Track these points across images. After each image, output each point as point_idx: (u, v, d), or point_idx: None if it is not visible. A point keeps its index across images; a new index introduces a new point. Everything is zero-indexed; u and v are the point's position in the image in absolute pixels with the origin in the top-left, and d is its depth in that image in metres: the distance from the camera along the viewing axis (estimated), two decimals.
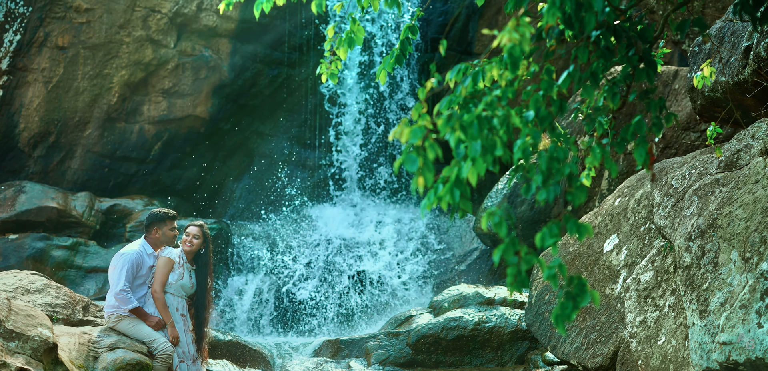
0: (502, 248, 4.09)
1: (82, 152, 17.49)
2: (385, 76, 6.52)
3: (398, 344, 12.83)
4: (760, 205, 7.86)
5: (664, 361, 8.52)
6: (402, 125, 4.52)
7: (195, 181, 18.24)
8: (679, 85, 13.04)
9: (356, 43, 6.66)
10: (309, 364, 12.90)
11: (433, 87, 4.65)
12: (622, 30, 5.22)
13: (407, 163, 4.45)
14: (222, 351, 12.77)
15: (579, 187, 4.18)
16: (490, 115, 4.46)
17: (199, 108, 17.80)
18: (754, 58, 9.21)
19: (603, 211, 10.68)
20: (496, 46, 4.55)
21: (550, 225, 4.00)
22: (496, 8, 18.11)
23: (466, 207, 4.44)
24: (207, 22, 17.55)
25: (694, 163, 9.26)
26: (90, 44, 17.18)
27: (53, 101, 17.23)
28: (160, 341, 9.69)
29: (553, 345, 10.50)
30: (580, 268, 10.44)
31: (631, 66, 5.16)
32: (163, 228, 10.10)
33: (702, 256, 8.12)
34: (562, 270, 3.93)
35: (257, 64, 18.11)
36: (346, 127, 18.45)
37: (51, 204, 16.52)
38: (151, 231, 10.11)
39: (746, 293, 7.52)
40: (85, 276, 16.08)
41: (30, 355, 8.61)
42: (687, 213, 8.68)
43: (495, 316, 12.88)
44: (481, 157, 4.37)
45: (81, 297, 10.77)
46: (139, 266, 9.88)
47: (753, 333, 7.33)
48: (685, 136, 12.76)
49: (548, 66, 4.97)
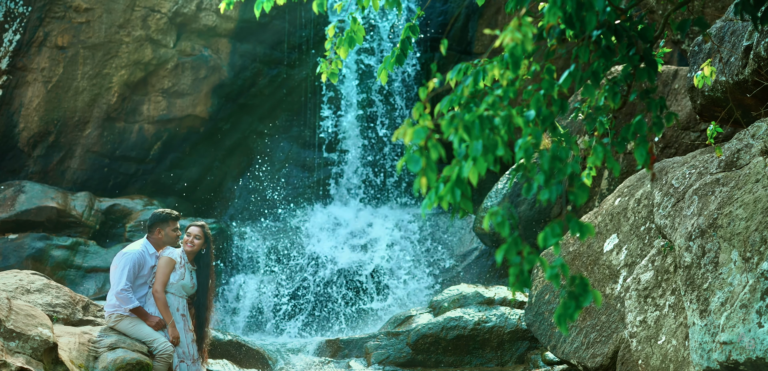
0: (505, 247, 4.09)
1: (81, 152, 17.49)
2: (386, 76, 6.53)
3: (398, 344, 12.83)
4: (761, 205, 7.86)
5: (665, 361, 8.53)
6: (405, 126, 4.52)
7: (194, 180, 18.25)
8: (678, 85, 13.04)
9: (357, 42, 6.66)
10: (309, 364, 12.90)
11: (435, 87, 4.65)
12: (623, 29, 5.22)
13: (410, 163, 4.45)
14: (222, 351, 12.77)
15: (581, 187, 4.18)
16: (492, 114, 4.46)
17: (199, 108, 17.80)
18: (755, 58, 9.21)
19: (603, 211, 10.68)
20: (497, 46, 4.55)
21: (552, 225, 4.00)
22: (495, 8, 18.10)
23: (466, 207, 4.44)
24: (206, 22, 17.55)
25: (694, 163, 9.27)
26: (89, 44, 17.18)
27: (53, 101, 17.23)
28: (160, 341, 9.68)
29: (553, 345, 10.50)
30: (580, 268, 10.45)
31: (632, 65, 5.16)
32: (166, 228, 10.09)
33: (702, 256, 8.12)
34: (565, 269, 3.93)
35: (257, 64, 18.11)
36: (345, 126, 18.45)
37: (51, 204, 16.52)
38: (154, 232, 10.10)
39: (747, 293, 7.52)
40: (85, 276, 16.08)
41: (30, 355, 8.60)
42: (687, 212, 8.68)
43: (495, 316, 12.88)
44: (483, 156, 4.37)
45: (81, 297, 10.76)
46: (141, 266, 9.87)
47: (753, 333, 7.33)
48: (684, 135, 12.77)
49: (549, 65, 4.97)
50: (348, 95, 18.41)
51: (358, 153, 18.46)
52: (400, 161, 4.47)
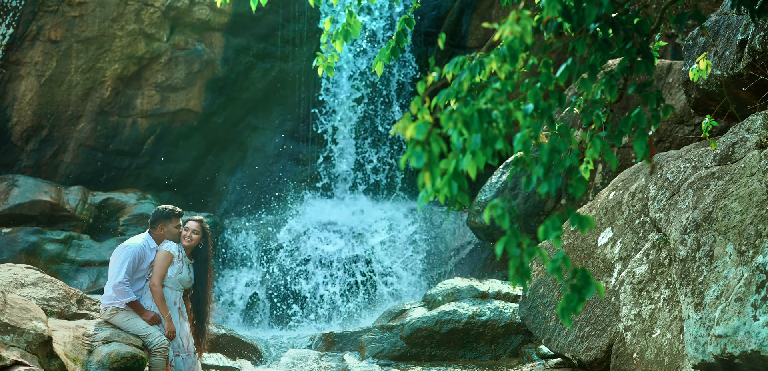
0: (505, 240, 4.08)
1: (75, 146, 17.46)
2: (381, 68, 6.53)
3: (392, 337, 12.83)
4: (756, 198, 7.87)
5: (659, 354, 8.54)
6: (404, 120, 4.51)
7: (188, 174, 18.23)
8: (672, 79, 13.05)
9: (353, 35, 6.66)
10: (303, 357, 12.89)
11: (433, 81, 4.65)
12: (620, 23, 5.22)
13: (413, 158, 4.44)
14: (216, 345, 12.76)
15: (579, 179, 4.17)
16: (491, 108, 4.46)
17: (192, 101, 17.77)
18: (750, 52, 9.22)
19: (597, 205, 10.69)
20: (493, 39, 4.55)
21: (552, 218, 4.00)
22: (489, 2, 18.10)
23: (463, 200, 4.44)
24: (200, 16, 17.52)
25: (689, 157, 9.28)
26: (83, 38, 17.14)
27: (46, 95, 17.19)
28: (155, 335, 9.65)
29: (548, 339, 10.51)
30: (575, 262, 10.46)
31: (629, 59, 5.16)
32: (169, 225, 10.05)
33: (697, 249, 8.14)
34: (566, 262, 3.93)
35: (250, 58, 18.09)
36: (339, 120, 18.44)
37: (44, 198, 16.49)
38: (157, 228, 10.06)
39: (742, 286, 7.53)
40: (78, 270, 16.06)
41: (25, 348, 8.59)
42: (682, 206, 8.69)
43: (489, 310, 12.88)
44: (482, 150, 4.37)
45: (75, 291, 10.74)
46: (141, 260, 9.84)
47: (749, 326, 7.34)
48: (679, 129, 12.78)
49: (546, 59, 4.96)
50: (342, 89, 18.40)
51: (351, 146, 18.45)
52: (403, 157, 4.46)
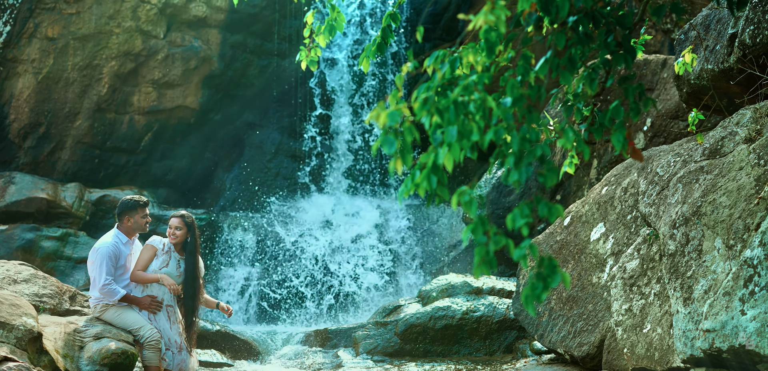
0: (471, 227, 4.07)
1: (72, 143, 17.47)
2: (368, 65, 6.51)
3: (386, 333, 12.83)
4: (744, 192, 7.86)
5: (650, 349, 8.53)
6: (378, 108, 4.51)
7: (185, 171, 18.24)
8: (667, 74, 13.04)
9: (338, 30, 6.65)
10: (297, 353, 12.90)
11: (408, 71, 4.64)
12: (601, 16, 5.20)
13: (385, 145, 4.43)
14: (210, 341, 12.77)
15: (550, 168, 4.16)
16: (467, 99, 4.45)
17: (189, 98, 17.78)
18: (739, 46, 9.21)
19: (590, 200, 10.68)
20: (468, 30, 4.55)
21: (520, 206, 3.99)
22: None
23: (442, 194, 4.43)
24: (196, 13, 17.52)
25: (679, 151, 9.26)
26: (80, 35, 17.15)
27: (43, 92, 17.21)
28: (146, 328, 9.62)
29: (541, 334, 10.51)
30: (567, 257, 10.45)
31: (608, 51, 5.15)
32: (135, 216, 9.98)
33: (686, 244, 8.13)
34: (533, 250, 3.92)
35: (247, 55, 18.10)
36: (335, 117, 18.45)
37: (41, 195, 16.50)
38: (123, 220, 9.97)
39: (730, 280, 7.52)
40: (75, 267, 16.07)
41: (14, 344, 8.60)
42: (671, 200, 8.68)
43: (483, 305, 12.88)
44: (458, 142, 4.36)
45: (68, 287, 10.74)
46: (117, 257, 9.78)
47: (736, 321, 7.33)
48: (673, 124, 12.77)
49: (526, 52, 4.95)
50: (339, 86, 18.40)
51: (348, 143, 18.45)
52: (374, 144, 4.46)
